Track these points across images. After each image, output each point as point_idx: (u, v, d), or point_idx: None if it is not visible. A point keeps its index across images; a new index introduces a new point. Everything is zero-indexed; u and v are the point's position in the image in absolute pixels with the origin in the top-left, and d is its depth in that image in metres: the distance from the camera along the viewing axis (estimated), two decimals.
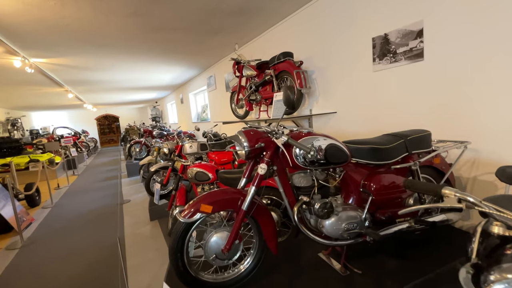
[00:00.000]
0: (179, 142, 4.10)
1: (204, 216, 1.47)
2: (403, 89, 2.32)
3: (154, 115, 14.21)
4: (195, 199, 1.51)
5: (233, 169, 2.66)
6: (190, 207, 1.46)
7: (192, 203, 1.48)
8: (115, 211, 4.22)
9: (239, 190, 1.58)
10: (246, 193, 1.53)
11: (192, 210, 1.44)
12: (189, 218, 1.43)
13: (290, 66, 2.91)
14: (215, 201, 1.47)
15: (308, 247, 2.08)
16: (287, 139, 1.42)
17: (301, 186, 1.64)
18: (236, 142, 1.58)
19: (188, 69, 6.48)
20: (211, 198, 1.48)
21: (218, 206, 1.47)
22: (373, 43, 2.50)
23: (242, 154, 1.53)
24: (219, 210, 1.50)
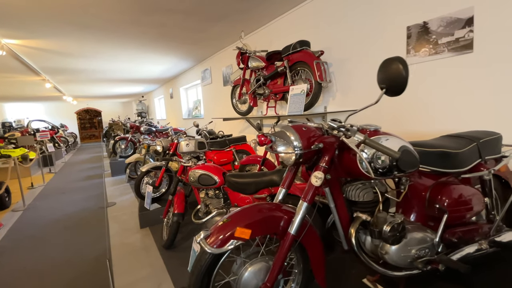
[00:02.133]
0: (174, 139, 3.68)
1: (240, 243, 1.08)
2: (444, 85, 2.05)
3: (140, 110, 13.47)
4: (224, 220, 1.12)
5: (244, 172, 2.29)
6: (220, 232, 1.08)
7: (221, 226, 1.10)
8: (99, 216, 3.72)
9: (278, 206, 1.22)
10: (289, 210, 1.16)
11: (223, 236, 1.05)
12: (220, 247, 1.04)
13: (309, 56, 2.57)
14: (253, 222, 1.09)
15: (348, 270, 1.74)
16: (363, 138, 1.06)
17: (358, 201, 1.30)
18: (278, 141, 1.22)
19: (181, 60, 6.00)
20: (247, 218, 1.10)
21: (259, 229, 1.10)
22: (408, 33, 2.21)
23: (288, 158, 1.17)
24: (260, 234, 1.12)
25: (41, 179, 6.33)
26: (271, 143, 1.32)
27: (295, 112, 2.48)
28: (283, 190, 1.31)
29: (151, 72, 7.26)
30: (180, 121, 8.74)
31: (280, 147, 1.21)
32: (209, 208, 2.41)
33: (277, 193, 1.33)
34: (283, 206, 1.20)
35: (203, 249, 1.08)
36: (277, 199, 1.31)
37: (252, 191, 2.20)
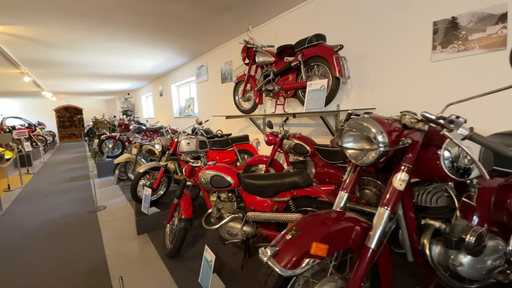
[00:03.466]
0: (174, 138, 3.42)
1: (317, 262, 0.88)
2: (474, 83, 1.96)
3: (125, 108, 12.87)
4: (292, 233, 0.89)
5: (261, 173, 2.10)
6: (291, 248, 0.87)
7: (290, 241, 0.89)
8: (88, 222, 3.38)
9: (342, 213, 1.03)
10: (360, 219, 0.98)
11: (297, 253, 0.85)
12: (294, 267, 0.84)
13: (326, 51, 2.43)
14: (328, 235, 0.89)
15: None
16: (469, 133, 0.89)
17: (429, 206, 1.14)
18: (351, 135, 1.03)
19: (176, 56, 5.71)
20: (321, 230, 0.90)
21: (336, 243, 0.91)
22: (435, 28, 2.12)
23: (364, 156, 0.99)
24: (337, 249, 0.93)
25: (18, 180, 5.80)
26: (334, 137, 1.14)
27: (314, 109, 2.33)
28: (345, 194, 1.13)
29: (142, 67, 6.89)
30: (170, 120, 8.39)
31: (352, 143, 1.03)
32: (221, 213, 2.20)
33: (338, 198, 1.15)
34: (348, 213, 1.02)
35: (271, 270, 0.87)
36: (339, 205, 1.13)
37: (271, 194, 2.01)
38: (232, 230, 2.09)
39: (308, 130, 3.34)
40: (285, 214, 1.88)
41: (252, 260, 2.26)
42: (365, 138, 1.03)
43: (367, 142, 1.02)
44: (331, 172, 2.55)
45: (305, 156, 2.79)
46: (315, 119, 3.22)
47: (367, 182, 2.48)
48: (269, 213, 1.94)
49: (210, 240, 2.66)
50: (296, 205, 1.96)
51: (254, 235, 2.08)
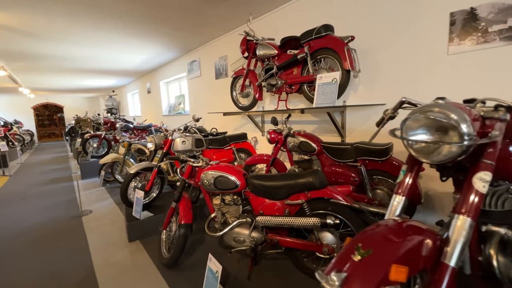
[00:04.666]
0: (168, 136, 3.18)
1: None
2: (494, 78, 1.87)
3: (110, 106, 12.31)
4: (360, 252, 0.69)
5: (270, 174, 1.92)
6: (364, 273, 0.69)
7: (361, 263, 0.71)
8: (72, 227, 3.08)
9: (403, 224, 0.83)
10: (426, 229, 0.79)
11: (373, 280, 0.66)
12: None
13: (336, 42, 2.28)
14: (405, 253, 0.70)
15: None
16: None
17: (493, 211, 0.99)
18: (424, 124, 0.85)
19: (167, 50, 5.41)
20: (396, 248, 0.72)
21: (414, 264, 0.72)
22: (452, 19, 2.01)
23: (447, 153, 0.81)
24: (415, 272, 0.73)
25: None
26: (393, 130, 0.97)
27: (325, 104, 2.17)
28: (402, 199, 0.97)
29: (129, 62, 6.52)
30: (159, 118, 8.04)
31: (422, 135, 0.85)
32: (226, 217, 2.00)
33: (393, 203, 0.99)
34: (411, 222, 0.84)
35: None
36: (394, 213, 0.96)
37: (283, 196, 1.84)
38: (239, 237, 1.90)
39: (311, 127, 3.19)
40: (301, 218, 1.71)
41: (258, 268, 2.07)
42: (438, 129, 0.85)
43: (441, 134, 0.85)
44: (339, 171, 2.41)
45: (311, 155, 2.64)
46: (319, 115, 3.07)
47: (377, 181, 2.36)
48: (282, 218, 1.76)
49: (211, 247, 2.46)
50: (310, 208, 1.79)
51: (263, 241, 1.90)
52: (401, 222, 0.81)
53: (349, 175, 2.35)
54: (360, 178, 2.30)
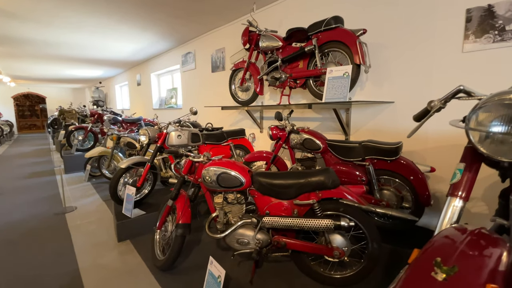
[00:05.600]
0: (163, 129, 2.99)
1: None
2: (509, 77, 1.81)
3: (96, 98, 11.79)
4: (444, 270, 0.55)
5: (278, 172, 1.79)
6: None
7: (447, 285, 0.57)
8: (55, 226, 2.84)
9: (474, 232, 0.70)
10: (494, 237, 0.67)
11: None
12: None
13: (347, 35, 2.17)
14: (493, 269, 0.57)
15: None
16: None
17: None
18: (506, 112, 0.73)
19: (161, 39, 5.16)
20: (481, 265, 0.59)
21: (502, 282, 0.60)
22: (468, 16, 1.95)
23: None
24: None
25: None
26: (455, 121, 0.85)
27: (336, 99, 2.06)
28: (460, 202, 0.86)
29: (120, 52, 6.21)
30: (149, 111, 7.75)
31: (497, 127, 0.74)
32: (228, 217, 1.86)
33: (450, 206, 0.87)
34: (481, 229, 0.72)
35: None
36: (452, 217, 0.85)
37: (291, 195, 1.72)
38: (243, 239, 1.76)
39: (313, 124, 3.08)
40: (313, 220, 1.59)
41: (260, 272, 1.94)
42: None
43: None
44: (345, 170, 2.31)
45: (315, 153, 2.53)
46: (322, 112, 2.97)
47: (383, 181, 2.28)
48: (292, 219, 1.64)
49: (209, 248, 2.31)
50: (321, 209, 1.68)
51: (268, 243, 1.77)
52: (473, 231, 0.70)
53: (356, 174, 2.25)
54: (367, 178, 2.21)
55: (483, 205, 1.98)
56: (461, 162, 0.89)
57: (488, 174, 1.92)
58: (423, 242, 2.00)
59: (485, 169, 1.94)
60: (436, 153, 2.17)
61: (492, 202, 1.93)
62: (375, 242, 1.65)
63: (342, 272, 1.72)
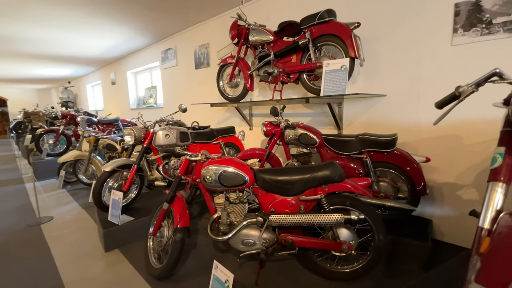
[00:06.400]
0: (149, 128, 2.82)
1: None
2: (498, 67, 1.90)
3: (65, 99, 10.99)
4: None
5: (281, 168, 1.73)
6: None
7: None
8: (30, 238, 2.57)
9: None
10: None
11: None
12: None
13: (342, 29, 2.16)
14: None
15: None
16: None
17: None
18: None
19: (138, 35, 4.88)
20: None
21: None
22: (456, 10, 2.01)
23: None
24: None
25: None
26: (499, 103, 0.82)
27: (335, 92, 2.04)
28: (504, 185, 0.83)
29: (92, 48, 5.79)
30: (126, 112, 7.35)
31: None
32: (230, 218, 1.77)
33: (492, 191, 0.84)
34: None
35: None
36: (497, 203, 0.82)
37: (297, 191, 1.67)
38: (248, 239, 1.68)
39: (305, 120, 3.07)
40: (323, 215, 1.55)
41: (264, 272, 1.88)
42: None
43: None
44: (341, 164, 2.30)
45: (311, 148, 2.51)
46: (314, 107, 2.96)
47: (379, 173, 2.31)
48: (300, 215, 1.59)
49: (207, 251, 2.20)
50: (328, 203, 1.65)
51: (274, 242, 1.71)
52: None
53: (353, 168, 2.26)
54: (364, 170, 2.23)
55: (473, 192, 2.07)
56: (500, 146, 0.89)
57: (481, 160, 2.01)
58: (420, 231, 2.05)
59: (477, 158, 2.03)
60: (429, 144, 2.24)
61: (483, 189, 2.02)
62: (381, 234, 1.65)
63: (351, 266, 1.70)
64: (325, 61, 2.09)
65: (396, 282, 1.74)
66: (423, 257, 1.87)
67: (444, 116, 0.97)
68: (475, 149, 2.04)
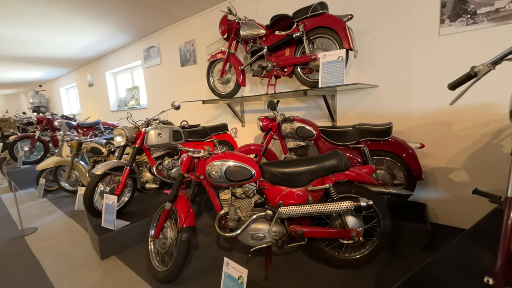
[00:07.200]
0: (141, 127, 2.71)
1: None
2: (482, 57, 2.01)
3: (37, 104, 10.32)
4: None
5: (286, 160, 1.72)
6: None
7: None
8: (13, 253, 2.38)
9: None
10: None
11: None
12: None
13: (335, 21, 2.18)
14: None
15: None
16: None
17: None
18: None
19: (119, 32, 4.66)
20: None
21: None
22: (443, 2, 2.10)
23: None
24: None
25: None
26: None
27: (333, 83, 2.06)
28: None
29: (67, 48, 5.46)
30: (107, 114, 7.03)
31: None
32: (237, 213, 1.73)
33: None
34: None
35: None
36: None
37: (304, 182, 1.67)
38: (258, 233, 1.66)
39: (298, 114, 3.08)
40: (333, 204, 1.56)
41: (272, 266, 1.87)
42: None
43: None
44: None
45: (308, 140, 2.52)
46: (307, 101, 2.98)
47: (375, 162, 2.37)
48: (310, 206, 1.59)
49: (210, 250, 2.14)
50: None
51: (284, 234, 1.70)
52: None
53: (351, 157, 2.30)
54: (362, 159, 2.27)
55: (464, 174, 2.18)
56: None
57: (470, 143, 2.12)
58: (417, 214, 2.14)
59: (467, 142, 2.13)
60: (421, 131, 2.33)
61: (473, 171, 2.13)
62: (387, 219, 1.70)
63: (360, 252, 1.73)
64: (322, 53, 2.10)
65: (401, 265, 1.80)
66: (423, 239, 1.95)
67: (460, 96, 1.01)
68: (464, 134, 2.14)
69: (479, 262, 1.15)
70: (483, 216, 1.50)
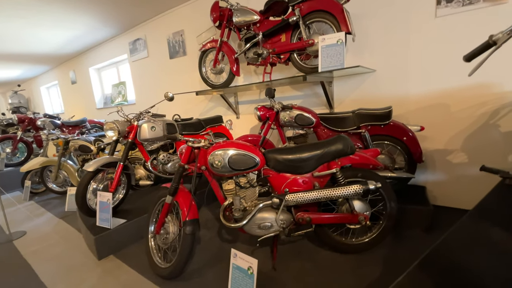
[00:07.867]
0: (133, 121, 2.59)
1: None
2: (479, 36, 2.01)
3: (17, 104, 9.80)
4: None
5: (290, 146, 1.67)
6: None
7: None
8: (3, 257, 2.23)
9: None
10: None
11: None
12: None
13: (333, 4, 2.12)
14: None
15: None
16: None
17: None
18: None
19: (101, 25, 4.44)
20: None
21: None
22: None
23: None
24: None
25: None
26: None
27: (333, 67, 2.01)
28: None
29: (47, 43, 5.16)
30: (92, 112, 6.76)
31: None
32: (242, 203, 1.68)
33: None
34: None
35: None
36: None
37: (310, 168, 1.63)
38: (264, 222, 1.61)
39: (295, 102, 3.03)
40: (341, 188, 1.53)
41: (278, 255, 1.83)
42: None
43: None
44: None
45: (308, 128, 2.48)
46: (303, 89, 2.94)
47: (376, 146, 2.36)
48: (318, 191, 1.55)
49: (212, 242, 2.08)
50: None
51: (291, 222, 1.66)
52: None
53: None
54: (363, 144, 2.26)
55: (462, 155, 2.20)
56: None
57: (468, 125, 2.13)
58: (419, 197, 2.15)
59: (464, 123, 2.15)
60: (419, 114, 2.33)
61: (471, 152, 2.15)
62: (392, 202, 1.69)
63: (368, 235, 1.72)
64: (321, 37, 2.05)
65: (407, 247, 1.80)
66: (427, 220, 1.96)
67: (479, 67, 0.98)
68: (461, 115, 2.16)
69: (492, 237, 1.15)
70: (487, 193, 1.51)
